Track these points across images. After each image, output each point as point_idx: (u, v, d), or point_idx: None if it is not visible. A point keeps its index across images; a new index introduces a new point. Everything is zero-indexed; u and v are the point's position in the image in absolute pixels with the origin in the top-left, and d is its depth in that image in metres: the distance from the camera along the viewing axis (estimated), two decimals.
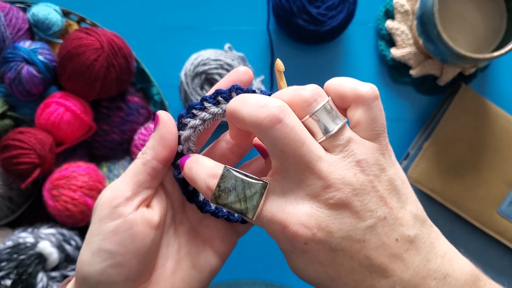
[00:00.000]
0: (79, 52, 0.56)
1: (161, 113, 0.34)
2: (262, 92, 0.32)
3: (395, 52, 0.68)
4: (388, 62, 0.69)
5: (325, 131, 0.29)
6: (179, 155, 0.35)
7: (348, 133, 0.29)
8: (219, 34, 0.71)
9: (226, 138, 0.37)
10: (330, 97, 0.30)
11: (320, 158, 0.28)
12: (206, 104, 0.33)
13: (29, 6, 0.63)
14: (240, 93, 0.32)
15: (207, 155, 0.37)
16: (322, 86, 0.30)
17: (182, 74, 0.63)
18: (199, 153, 0.36)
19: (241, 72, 0.34)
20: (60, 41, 0.62)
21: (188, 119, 0.33)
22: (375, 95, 0.30)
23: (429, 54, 0.66)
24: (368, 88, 0.30)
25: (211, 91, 0.34)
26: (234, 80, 0.34)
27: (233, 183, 0.29)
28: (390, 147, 0.30)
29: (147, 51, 0.68)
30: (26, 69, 0.57)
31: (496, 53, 0.58)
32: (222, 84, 0.34)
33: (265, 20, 0.70)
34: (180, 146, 0.34)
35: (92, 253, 0.32)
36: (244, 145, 0.36)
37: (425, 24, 0.61)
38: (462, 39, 0.64)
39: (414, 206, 0.30)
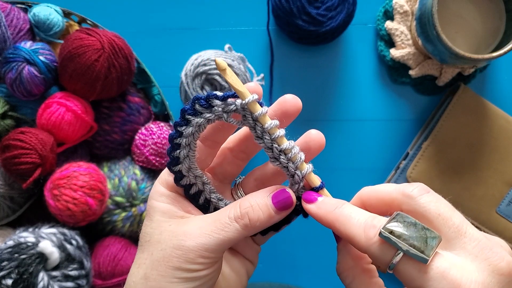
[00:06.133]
0: (80, 53, 0.56)
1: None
2: (225, 94, 0.32)
3: (395, 52, 0.68)
4: (387, 62, 0.69)
5: None
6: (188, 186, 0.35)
7: None
8: (219, 35, 0.71)
9: (229, 146, 0.37)
10: None
11: (469, 224, 0.30)
12: (180, 129, 0.33)
13: (30, 6, 0.63)
14: (202, 102, 0.32)
15: (214, 166, 0.37)
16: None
17: (182, 75, 0.63)
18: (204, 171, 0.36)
19: (287, 103, 0.33)
20: (61, 41, 0.62)
21: (177, 151, 0.33)
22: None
23: (428, 54, 0.66)
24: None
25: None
26: (278, 109, 0.33)
27: (413, 221, 0.29)
28: None
29: (148, 52, 0.68)
30: (27, 69, 0.57)
31: (495, 54, 0.59)
32: (271, 113, 0.33)
33: (265, 21, 0.71)
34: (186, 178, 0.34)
35: None
36: (247, 150, 0.37)
37: (424, 24, 0.62)
38: (461, 40, 0.64)
39: None
